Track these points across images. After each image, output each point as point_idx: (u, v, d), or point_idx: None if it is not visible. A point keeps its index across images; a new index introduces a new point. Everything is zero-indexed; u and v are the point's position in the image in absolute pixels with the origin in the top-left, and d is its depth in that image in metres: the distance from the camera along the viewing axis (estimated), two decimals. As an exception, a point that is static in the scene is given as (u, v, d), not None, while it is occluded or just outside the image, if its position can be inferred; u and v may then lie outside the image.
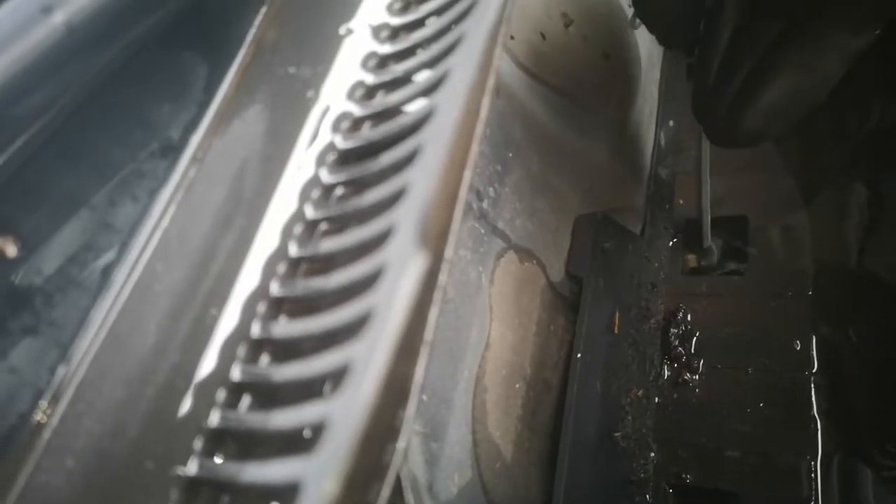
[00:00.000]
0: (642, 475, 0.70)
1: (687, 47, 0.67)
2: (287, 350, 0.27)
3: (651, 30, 0.68)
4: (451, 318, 0.54)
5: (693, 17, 0.62)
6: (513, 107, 0.63)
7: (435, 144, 0.27)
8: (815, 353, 0.73)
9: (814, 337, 0.73)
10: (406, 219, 0.25)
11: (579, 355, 0.64)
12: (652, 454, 0.72)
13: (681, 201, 0.87)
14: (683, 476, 0.70)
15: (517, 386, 0.60)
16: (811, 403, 0.70)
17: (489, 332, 0.58)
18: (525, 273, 0.63)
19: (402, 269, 0.23)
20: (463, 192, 0.31)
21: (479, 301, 0.57)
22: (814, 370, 0.72)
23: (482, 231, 0.59)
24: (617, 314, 0.70)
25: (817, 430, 0.69)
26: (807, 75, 0.54)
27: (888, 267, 0.73)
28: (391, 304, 0.22)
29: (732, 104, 0.57)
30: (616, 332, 0.70)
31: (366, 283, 0.24)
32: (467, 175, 0.31)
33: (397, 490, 0.49)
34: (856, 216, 0.78)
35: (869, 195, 0.78)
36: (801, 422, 0.69)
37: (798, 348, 0.73)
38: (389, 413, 0.25)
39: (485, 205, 0.59)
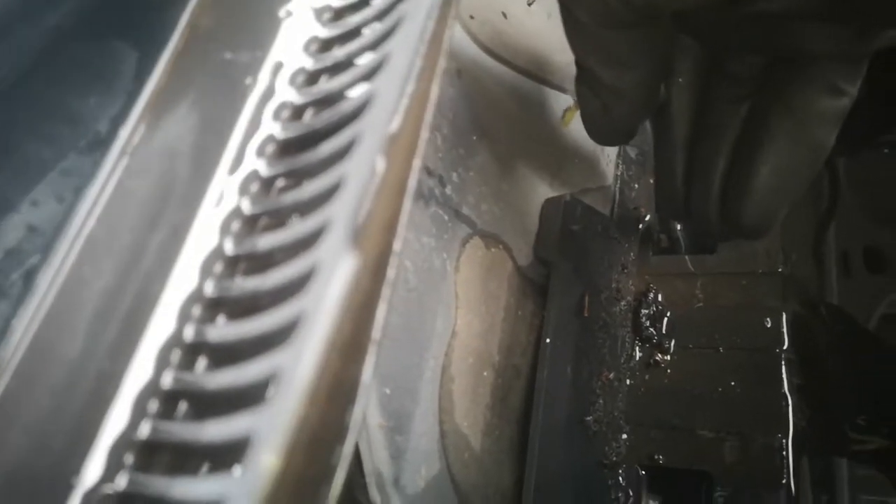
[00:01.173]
0: (614, 458, 0.69)
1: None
2: (224, 355, 0.26)
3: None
4: (415, 306, 0.52)
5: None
6: (476, 89, 0.62)
7: (373, 133, 0.25)
8: (786, 330, 0.72)
9: (784, 314, 0.73)
10: (340, 214, 0.23)
11: (549, 340, 0.63)
12: (624, 436, 0.72)
13: (651, 180, 0.86)
14: (656, 457, 0.70)
15: (485, 374, 0.59)
16: (782, 381, 0.70)
17: (455, 320, 0.57)
18: (492, 258, 0.62)
19: (334, 267, 0.22)
20: (412, 182, 0.29)
21: (444, 289, 0.56)
22: (784, 347, 0.72)
23: (446, 217, 0.57)
24: (587, 297, 0.69)
25: (789, 407, 0.69)
26: (800, 143, 0.47)
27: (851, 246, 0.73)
28: (320, 305, 0.21)
29: (721, 200, 0.52)
30: (586, 315, 0.69)
31: (297, 284, 0.23)
32: (416, 164, 0.30)
33: (361, 487, 0.47)
34: (818, 195, 0.78)
35: (829, 174, 0.78)
36: (773, 399, 0.69)
37: (769, 326, 0.73)
38: (334, 415, 0.24)
39: (448, 190, 0.58)
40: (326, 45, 0.33)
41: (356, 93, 0.29)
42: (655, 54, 0.46)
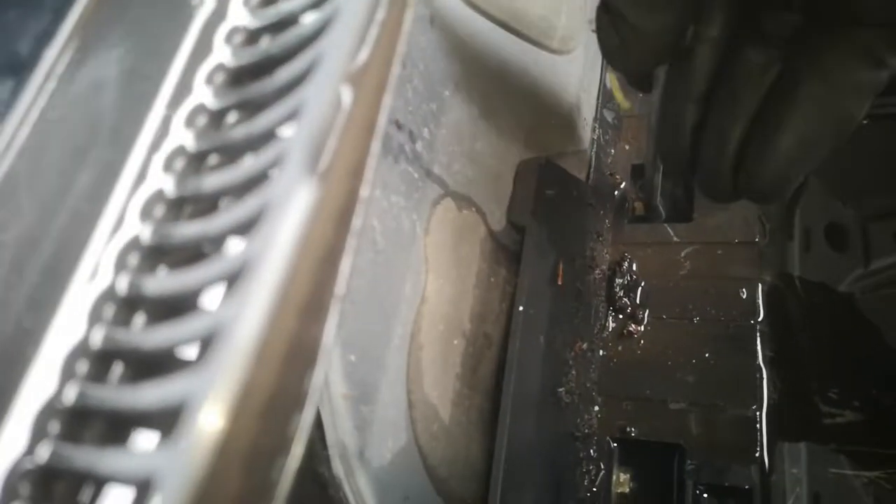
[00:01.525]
0: (586, 430, 0.68)
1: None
2: (165, 310, 0.22)
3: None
4: (383, 269, 0.49)
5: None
6: (449, 40, 0.58)
7: (336, 56, 0.22)
8: (761, 301, 0.71)
9: (760, 285, 0.72)
10: (296, 144, 0.20)
11: (521, 308, 0.60)
12: (596, 408, 0.70)
13: (626, 146, 0.84)
14: (628, 430, 0.69)
15: (455, 342, 0.56)
16: (757, 352, 0.69)
17: (425, 286, 0.54)
18: (464, 221, 0.59)
19: (286, 205, 0.18)
20: (381, 122, 0.26)
21: (413, 252, 0.53)
22: (759, 318, 0.70)
23: (416, 176, 0.54)
24: (561, 264, 0.67)
25: (763, 379, 0.68)
26: (830, 113, 0.43)
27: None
28: (270, 250, 0.17)
29: (737, 159, 0.48)
30: (560, 283, 0.66)
31: (245, 226, 0.19)
32: (386, 101, 0.26)
33: (323, 459, 0.45)
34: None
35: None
36: (747, 371, 0.68)
37: (744, 297, 0.71)
38: (291, 379, 0.21)
39: (419, 147, 0.54)
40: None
41: (318, 15, 0.25)
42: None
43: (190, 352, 0.21)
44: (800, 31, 0.44)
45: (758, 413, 0.66)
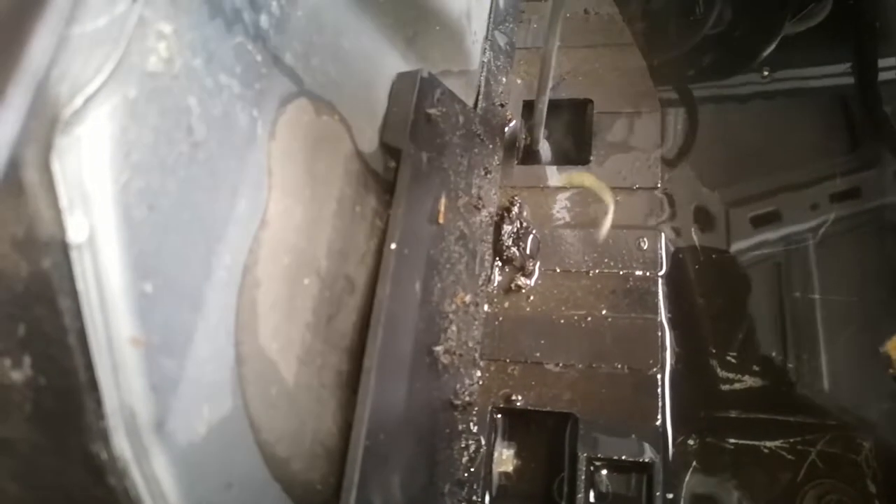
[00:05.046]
0: (467, 398, 0.57)
1: None
2: None
3: None
4: (203, 171, 0.35)
5: None
6: None
7: None
8: (663, 252, 0.63)
9: (663, 235, 0.64)
10: None
11: (394, 246, 0.48)
12: (478, 373, 0.59)
13: (518, 81, 0.73)
14: (514, 398, 0.58)
15: (307, 282, 0.43)
16: (658, 308, 0.61)
17: (266, 205, 0.40)
18: (323, 131, 0.46)
19: None
20: None
21: (251, 157, 0.39)
22: (662, 272, 0.62)
23: (258, 59, 0.40)
24: (443, 200, 0.55)
25: (666, 337, 0.60)
26: None
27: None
28: None
29: None
30: (441, 222, 0.55)
31: None
32: None
33: (98, 433, 0.30)
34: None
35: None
36: (649, 330, 0.60)
37: (645, 248, 0.63)
38: None
39: (262, 21, 0.41)
40: None
41: None
42: None
43: None
44: None
45: (660, 376, 0.58)
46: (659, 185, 0.66)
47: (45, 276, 0.29)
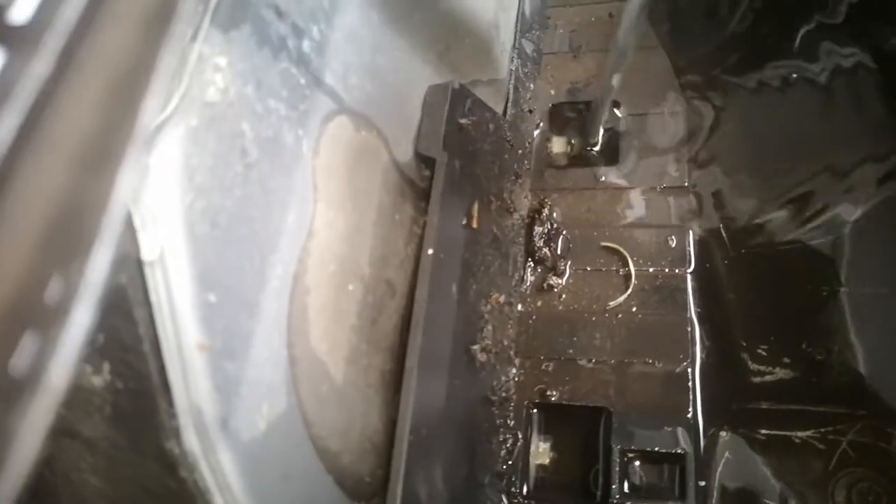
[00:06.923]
0: (504, 394, 0.59)
1: None
2: None
3: None
4: (257, 189, 0.38)
5: None
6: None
7: None
8: (692, 249, 0.65)
9: (691, 233, 0.65)
10: None
11: (431, 252, 0.51)
12: (514, 370, 0.62)
13: (549, 88, 0.75)
14: (549, 394, 0.61)
15: (351, 287, 0.46)
16: (688, 304, 0.62)
17: (313, 217, 0.43)
18: (362, 145, 0.49)
19: None
20: None
21: (298, 174, 0.42)
22: (690, 269, 0.64)
23: (303, 81, 0.43)
24: (476, 205, 0.58)
25: (696, 332, 0.62)
26: None
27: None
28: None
29: None
30: (475, 226, 0.58)
31: None
32: None
33: (171, 430, 0.34)
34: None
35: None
36: (678, 325, 0.62)
37: (673, 245, 0.65)
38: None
39: (305, 46, 0.44)
40: None
41: None
42: None
43: None
44: None
45: (690, 370, 0.60)
46: (686, 184, 0.68)
47: (122, 290, 0.32)
